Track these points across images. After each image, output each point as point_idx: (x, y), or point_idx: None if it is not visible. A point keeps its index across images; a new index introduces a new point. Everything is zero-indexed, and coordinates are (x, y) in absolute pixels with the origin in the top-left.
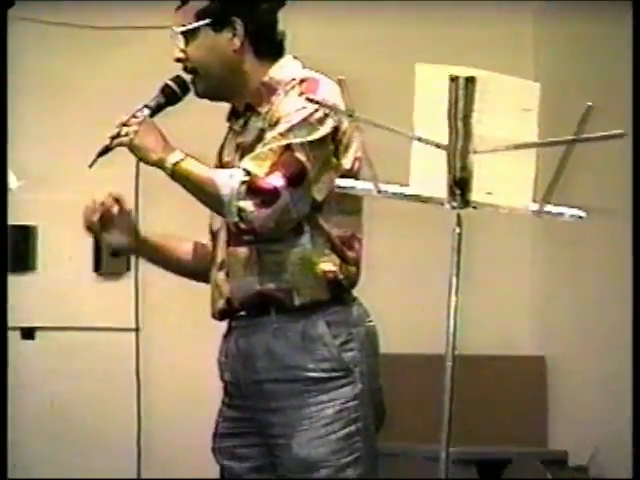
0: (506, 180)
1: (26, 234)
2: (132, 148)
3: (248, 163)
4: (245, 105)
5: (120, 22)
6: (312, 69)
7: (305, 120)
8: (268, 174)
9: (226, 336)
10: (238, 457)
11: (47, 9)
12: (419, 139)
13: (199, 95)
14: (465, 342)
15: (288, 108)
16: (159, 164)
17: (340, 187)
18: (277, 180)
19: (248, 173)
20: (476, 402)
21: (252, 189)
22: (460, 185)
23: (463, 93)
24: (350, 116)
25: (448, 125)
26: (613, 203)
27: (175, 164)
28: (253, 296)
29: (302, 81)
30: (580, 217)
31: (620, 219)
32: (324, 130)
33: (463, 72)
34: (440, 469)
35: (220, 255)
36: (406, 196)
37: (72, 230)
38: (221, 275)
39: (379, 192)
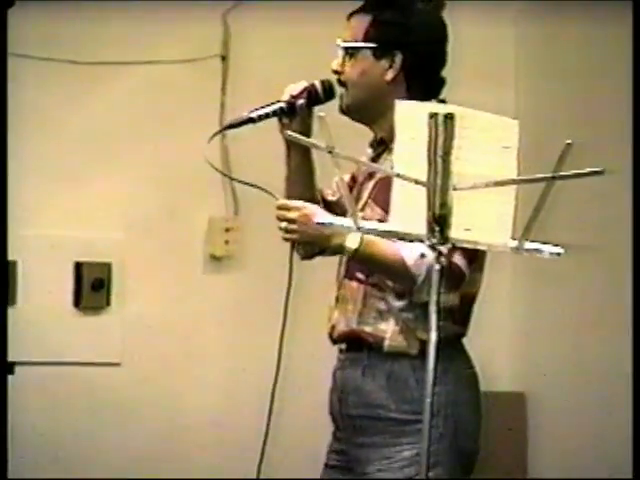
0: (485, 217)
1: (6, 269)
2: (303, 244)
3: None
4: (379, 139)
5: (99, 57)
6: None
7: None
8: (452, 252)
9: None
10: None
11: (28, 43)
12: (398, 175)
13: (342, 110)
14: None
15: None
16: (337, 250)
17: (319, 224)
18: (463, 262)
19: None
20: None
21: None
22: (439, 221)
23: (442, 130)
24: (330, 152)
25: (428, 162)
26: (593, 239)
27: (356, 250)
28: (348, 332)
29: None
30: (559, 254)
31: (600, 255)
32: None
33: (442, 109)
34: None
35: (337, 281)
36: (385, 232)
37: (52, 264)
38: (333, 301)
39: (358, 228)
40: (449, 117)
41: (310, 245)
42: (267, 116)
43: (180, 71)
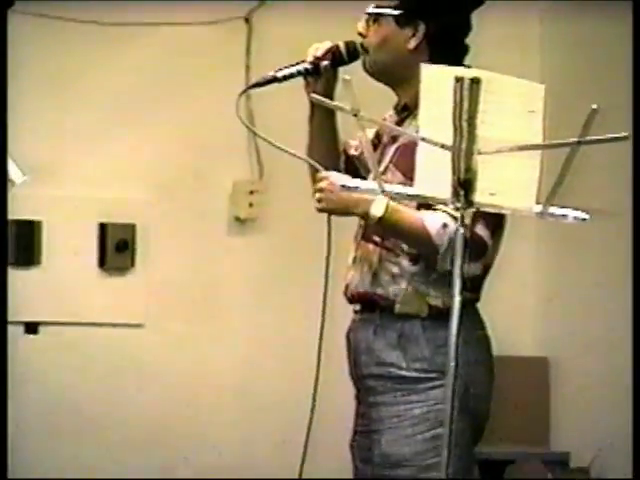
0: (510, 181)
1: (31, 229)
2: (328, 213)
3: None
4: (403, 104)
5: (124, 18)
6: None
7: None
8: (475, 222)
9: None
10: (359, 458)
11: (52, 4)
12: (423, 139)
13: (365, 69)
14: None
15: None
16: (363, 218)
17: (344, 187)
18: (486, 233)
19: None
20: None
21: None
22: (464, 186)
23: (468, 94)
24: (355, 115)
25: (453, 126)
26: (617, 204)
27: (381, 218)
28: (362, 293)
29: None
30: (583, 219)
31: (624, 220)
32: None
33: (468, 73)
34: (442, 469)
35: (355, 240)
36: (410, 196)
37: (77, 225)
38: (350, 261)
39: (383, 192)
40: (475, 81)
41: (337, 213)
42: (292, 76)
43: (205, 33)
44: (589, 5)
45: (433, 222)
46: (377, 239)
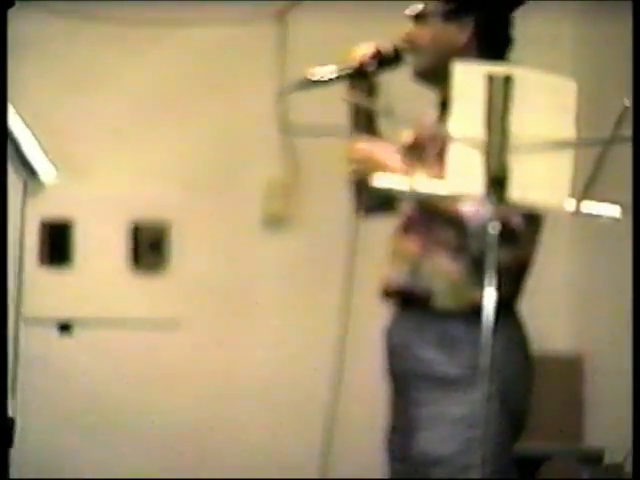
0: (543, 178)
1: (63, 228)
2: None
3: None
4: (445, 101)
5: (159, 16)
6: None
7: None
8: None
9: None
10: (393, 455)
11: (85, 5)
12: (456, 138)
13: (414, 75)
14: None
15: None
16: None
17: (375, 187)
18: (519, 221)
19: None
20: None
21: (500, 230)
22: (497, 182)
23: (500, 91)
24: (389, 114)
25: (485, 123)
26: None
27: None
28: (400, 289)
29: None
30: (617, 219)
31: None
32: None
33: (500, 70)
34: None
35: (395, 235)
36: (442, 193)
37: (110, 224)
38: (388, 256)
39: (415, 190)
40: (507, 78)
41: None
42: (338, 79)
43: (238, 31)
44: (620, 5)
45: (467, 203)
46: (418, 233)
